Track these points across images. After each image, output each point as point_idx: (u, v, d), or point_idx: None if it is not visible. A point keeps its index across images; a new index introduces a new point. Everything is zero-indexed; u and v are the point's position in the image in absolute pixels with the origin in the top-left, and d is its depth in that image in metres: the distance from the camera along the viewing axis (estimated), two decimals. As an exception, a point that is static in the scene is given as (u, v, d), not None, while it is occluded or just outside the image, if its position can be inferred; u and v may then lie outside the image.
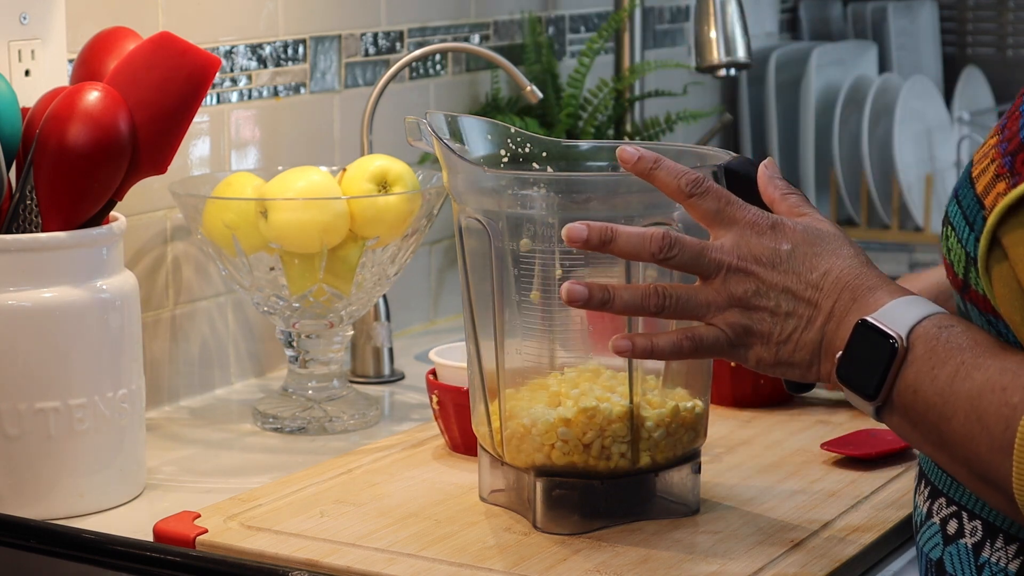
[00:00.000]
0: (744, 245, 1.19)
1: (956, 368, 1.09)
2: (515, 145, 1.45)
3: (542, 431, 1.34)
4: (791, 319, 1.18)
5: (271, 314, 1.72)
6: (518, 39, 2.32)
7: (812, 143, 2.90)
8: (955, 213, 1.13)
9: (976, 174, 1.11)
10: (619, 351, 1.21)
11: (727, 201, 1.21)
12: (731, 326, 1.19)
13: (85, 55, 1.54)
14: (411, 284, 2.14)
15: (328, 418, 1.72)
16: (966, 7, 3.21)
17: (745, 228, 1.20)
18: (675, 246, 1.19)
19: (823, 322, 1.17)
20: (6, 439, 1.42)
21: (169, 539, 1.36)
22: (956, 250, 1.12)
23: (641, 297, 1.20)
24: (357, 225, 1.66)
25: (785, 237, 1.20)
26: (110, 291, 1.46)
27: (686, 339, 1.20)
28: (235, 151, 1.88)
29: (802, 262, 1.19)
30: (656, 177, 1.23)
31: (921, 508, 1.23)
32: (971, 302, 1.13)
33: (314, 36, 1.97)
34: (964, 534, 1.17)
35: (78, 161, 1.42)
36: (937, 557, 1.19)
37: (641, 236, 1.20)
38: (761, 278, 1.18)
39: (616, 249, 1.21)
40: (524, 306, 1.36)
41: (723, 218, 1.21)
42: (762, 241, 1.19)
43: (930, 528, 1.20)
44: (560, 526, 1.36)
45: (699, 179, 1.22)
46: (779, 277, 1.18)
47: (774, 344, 1.19)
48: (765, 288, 1.18)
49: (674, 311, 1.20)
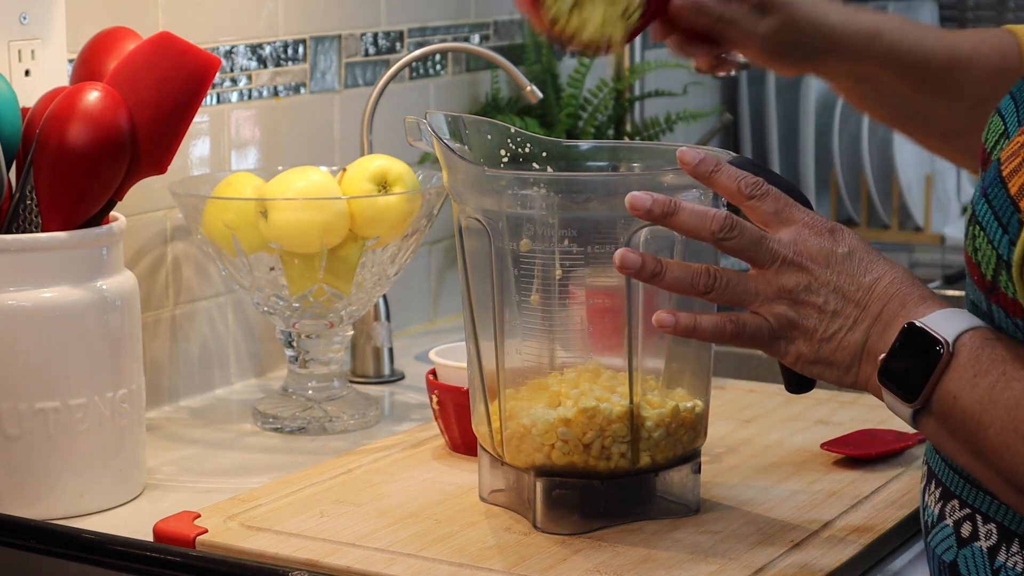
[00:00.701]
0: (801, 242, 1.20)
1: (997, 378, 1.10)
2: (515, 145, 1.45)
3: (542, 431, 1.34)
4: (837, 318, 1.18)
5: (271, 314, 1.72)
6: (518, 39, 2.32)
7: (812, 143, 2.90)
8: (985, 213, 1.12)
9: (1007, 173, 1.10)
10: (661, 324, 1.21)
11: (786, 203, 1.22)
12: (776, 317, 1.20)
13: (85, 55, 1.54)
14: (411, 284, 2.14)
15: (328, 418, 1.72)
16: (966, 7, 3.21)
17: (803, 228, 1.21)
18: (735, 228, 1.20)
19: (869, 325, 1.17)
20: (6, 439, 1.42)
21: (169, 539, 1.36)
22: (985, 250, 1.11)
23: (692, 275, 1.20)
24: (357, 225, 1.66)
25: (843, 241, 1.20)
26: (110, 291, 1.46)
27: (729, 322, 1.20)
28: (235, 151, 1.88)
29: (857, 265, 1.19)
30: (716, 180, 1.23)
31: (932, 509, 1.22)
32: (999, 304, 1.12)
33: (314, 36, 1.97)
34: (979, 537, 1.16)
35: (78, 161, 1.42)
36: (951, 560, 1.18)
37: (703, 214, 1.21)
38: (814, 274, 1.19)
39: (676, 222, 1.21)
40: (524, 306, 1.36)
41: (782, 219, 1.21)
42: (819, 241, 1.20)
43: (943, 530, 1.20)
44: (560, 526, 1.36)
45: (759, 182, 1.22)
46: (832, 276, 1.19)
47: (816, 341, 1.19)
48: (816, 284, 1.19)
49: (722, 293, 1.20)
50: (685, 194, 1.33)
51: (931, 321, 1.14)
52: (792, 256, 1.20)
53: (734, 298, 1.21)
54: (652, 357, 1.38)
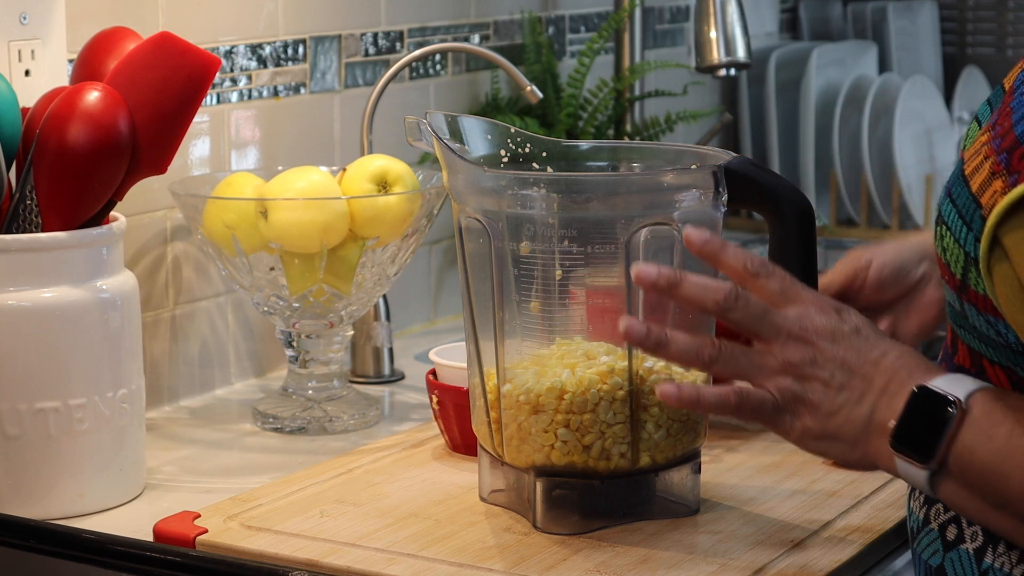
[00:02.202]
0: (806, 318, 1.19)
1: (1012, 427, 1.10)
2: (515, 145, 1.45)
3: (541, 426, 1.34)
4: (843, 392, 1.17)
5: (271, 314, 1.72)
6: (518, 39, 2.32)
7: (812, 143, 2.90)
8: (950, 212, 1.13)
9: (969, 172, 1.11)
10: (665, 395, 1.20)
11: (791, 282, 1.21)
12: (781, 391, 1.19)
13: (85, 55, 1.54)
14: (411, 284, 2.14)
15: (328, 418, 1.72)
16: (966, 7, 3.21)
17: (809, 306, 1.20)
18: (740, 299, 1.19)
19: (875, 398, 1.16)
20: (6, 439, 1.42)
21: (169, 539, 1.36)
22: (953, 250, 1.12)
23: (697, 346, 1.19)
24: (357, 225, 1.66)
25: (848, 319, 1.20)
26: (110, 291, 1.46)
27: (733, 394, 1.19)
28: (235, 151, 1.88)
29: (863, 342, 1.19)
30: (723, 261, 1.22)
31: (917, 514, 1.22)
32: (969, 302, 1.13)
33: (314, 36, 1.97)
34: (964, 539, 1.16)
35: (78, 161, 1.42)
36: (937, 564, 1.18)
37: (707, 286, 1.20)
38: (820, 348, 1.18)
39: (681, 294, 1.20)
40: (524, 306, 1.36)
41: (788, 297, 1.20)
42: (825, 318, 1.19)
43: (928, 534, 1.20)
44: (560, 526, 1.36)
45: (764, 261, 1.22)
46: (838, 350, 1.18)
47: (822, 415, 1.18)
48: (822, 359, 1.18)
49: (726, 365, 1.19)
50: (685, 194, 1.33)
51: (940, 383, 1.14)
52: (797, 331, 1.19)
53: (738, 370, 1.20)
54: (652, 357, 1.37)
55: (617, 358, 1.35)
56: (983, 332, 1.14)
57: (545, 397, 1.34)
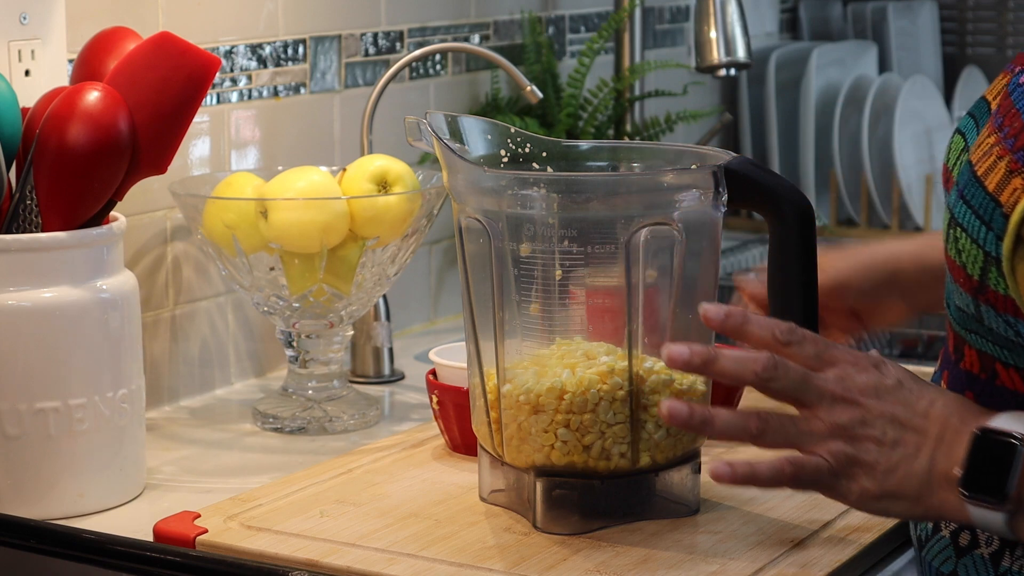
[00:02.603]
0: (848, 378, 1.17)
1: None
2: (515, 145, 1.45)
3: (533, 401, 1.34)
4: (898, 448, 1.15)
5: (271, 314, 1.72)
6: (518, 39, 2.32)
7: (812, 143, 2.90)
8: (964, 213, 1.12)
9: (982, 172, 1.11)
10: (718, 476, 1.17)
11: (825, 344, 1.19)
12: (835, 455, 1.16)
13: (85, 55, 1.54)
14: (411, 284, 2.14)
15: (328, 418, 1.72)
16: (966, 7, 3.21)
17: (848, 365, 1.18)
18: (780, 368, 1.16)
19: (933, 448, 1.14)
20: (6, 439, 1.42)
21: (169, 539, 1.36)
22: (969, 250, 1.11)
23: (743, 419, 1.17)
24: (357, 225, 1.66)
25: (889, 373, 1.17)
26: (110, 291, 1.46)
27: (788, 464, 1.16)
28: (235, 151, 1.88)
29: (908, 393, 1.16)
30: (749, 333, 1.20)
31: (925, 523, 1.22)
32: (987, 304, 1.12)
33: (314, 36, 1.97)
34: (979, 544, 1.16)
35: (78, 161, 1.42)
36: (949, 570, 1.18)
37: (743, 359, 1.17)
38: (867, 407, 1.16)
39: (718, 370, 1.18)
40: (524, 306, 1.36)
41: (824, 360, 1.18)
42: (866, 376, 1.17)
43: (939, 541, 1.19)
44: (560, 526, 1.36)
45: (792, 327, 1.19)
46: (885, 406, 1.16)
47: (880, 474, 1.15)
48: (871, 417, 1.15)
49: (775, 436, 1.17)
50: (685, 194, 1.33)
51: (1000, 422, 1.12)
52: (841, 392, 1.16)
53: (787, 440, 1.17)
54: (652, 358, 1.37)
55: (617, 358, 1.35)
56: (1000, 334, 1.13)
57: (545, 397, 1.34)
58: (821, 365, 1.17)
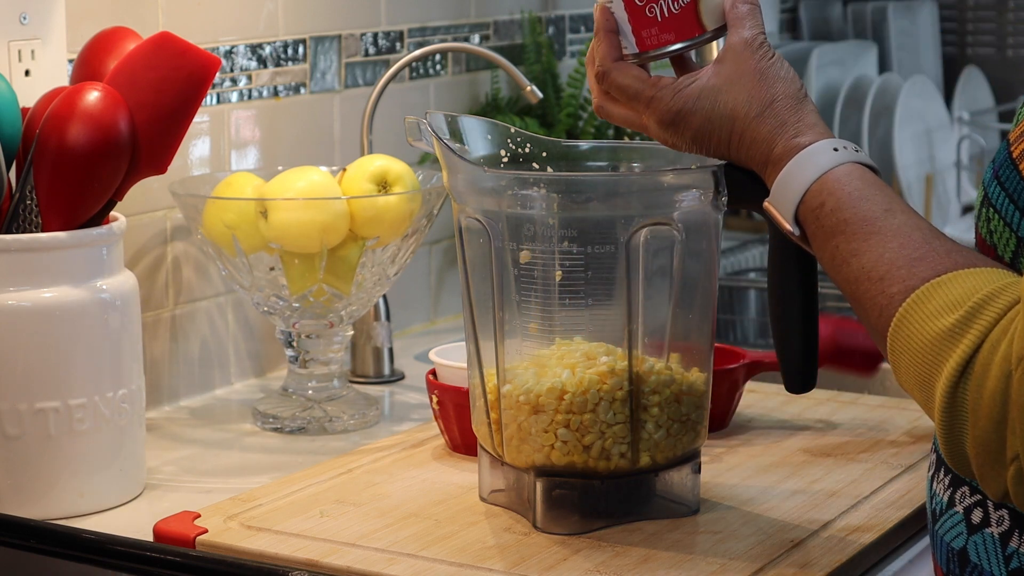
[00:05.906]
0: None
1: (832, 253, 1.17)
2: (515, 145, 1.45)
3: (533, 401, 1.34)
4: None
5: (271, 314, 1.72)
6: (518, 39, 2.32)
7: (812, 143, 2.90)
8: (998, 195, 1.11)
9: (1017, 155, 1.10)
10: None
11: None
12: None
13: (85, 55, 1.54)
14: (411, 284, 2.15)
15: (328, 418, 1.72)
16: (966, 7, 3.21)
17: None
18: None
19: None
20: (6, 439, 1.42)
21: (169, 539, 1.36)
22: (1001, 232, 1.11)
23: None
24: (357, 225, 1.66)
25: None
26: (110, 291, 1.46)
27: None
28: (235, 151, 1.88)
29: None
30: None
31: (941, 496, 1.22)
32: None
33: (314, 36, 1.97)
34: (990, 523, 1.16)
35: (78, 161, 1.42)
36: (960, 547, 1.18)
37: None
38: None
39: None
40: (524, 306, 1.36)
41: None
42: None
43: (952, 517, 1.19)
44: (560, 526, 1.36)
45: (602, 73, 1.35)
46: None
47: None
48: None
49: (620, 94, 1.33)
50: (685, 194, 1.33)
51: (775, 198, 1.24)
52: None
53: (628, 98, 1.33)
54: (652, 358, 1.38)
55: (617, 358, 1.35)
56: None
57: (545, 397, 1.34)
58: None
